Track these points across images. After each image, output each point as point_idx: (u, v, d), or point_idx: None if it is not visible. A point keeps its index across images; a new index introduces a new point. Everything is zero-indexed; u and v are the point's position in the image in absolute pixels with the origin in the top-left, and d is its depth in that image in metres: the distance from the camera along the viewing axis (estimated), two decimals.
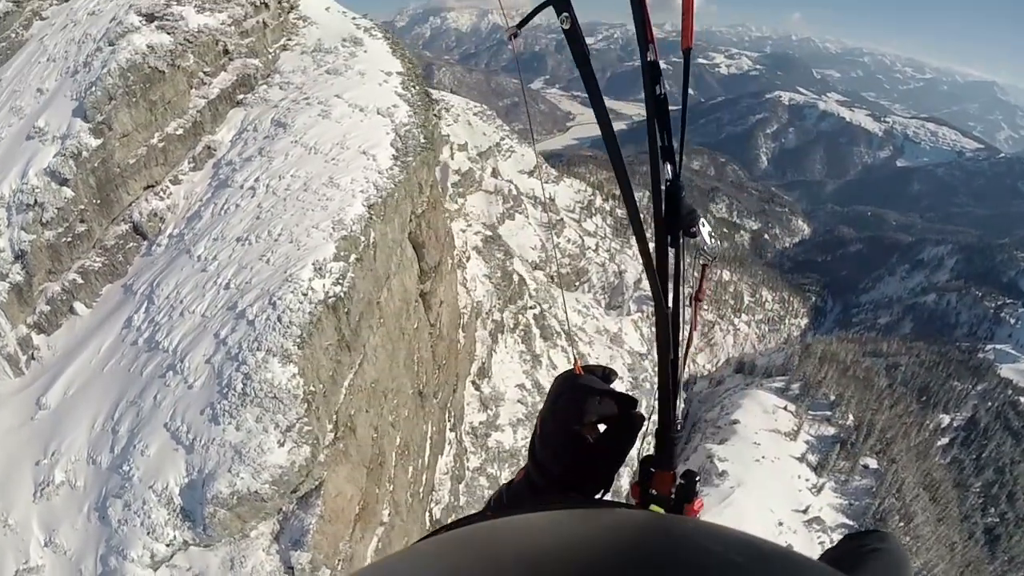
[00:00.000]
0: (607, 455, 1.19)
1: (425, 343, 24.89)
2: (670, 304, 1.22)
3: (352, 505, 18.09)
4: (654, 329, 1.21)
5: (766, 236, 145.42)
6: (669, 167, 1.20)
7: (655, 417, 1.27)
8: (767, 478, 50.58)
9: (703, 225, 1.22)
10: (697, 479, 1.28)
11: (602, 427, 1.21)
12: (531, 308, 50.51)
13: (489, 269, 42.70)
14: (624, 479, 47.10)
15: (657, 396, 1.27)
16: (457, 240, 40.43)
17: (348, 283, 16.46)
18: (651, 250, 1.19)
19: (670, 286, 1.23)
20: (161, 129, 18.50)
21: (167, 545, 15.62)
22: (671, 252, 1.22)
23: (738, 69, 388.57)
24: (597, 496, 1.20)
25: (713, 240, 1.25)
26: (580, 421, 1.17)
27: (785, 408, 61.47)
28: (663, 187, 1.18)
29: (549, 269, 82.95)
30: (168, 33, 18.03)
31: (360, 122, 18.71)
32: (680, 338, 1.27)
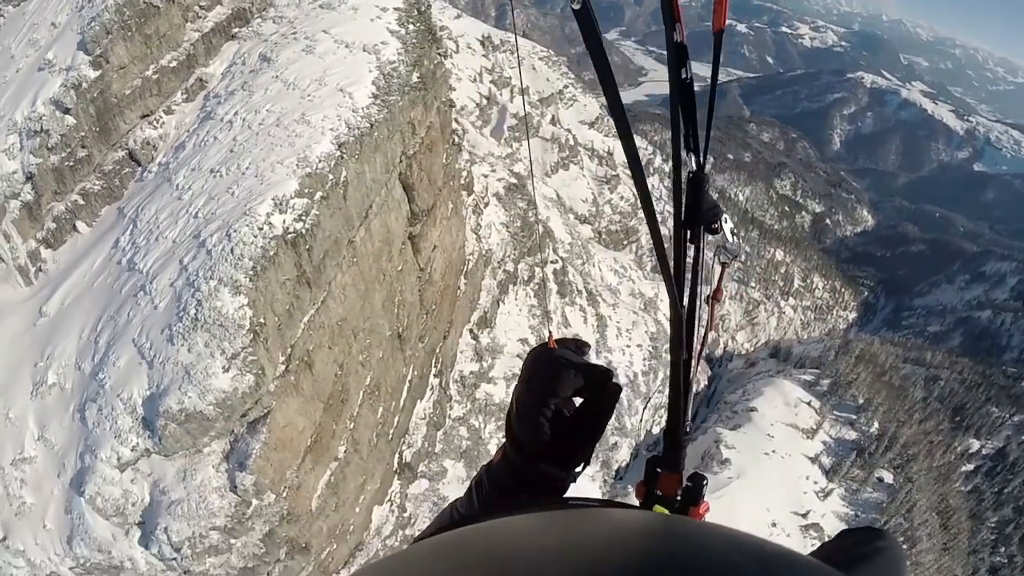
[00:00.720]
0: (585, 428, 1.18)
1: (411, 287, 25.50)
2: (685, 303, 1.18)
3: (303, 437, 19.22)
4: (684, 306, 1.14)
5: (828, 221, 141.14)
6: (692, 157, 1.12)
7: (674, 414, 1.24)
8: (772, 474, 49.58)
9: (725, 221, 1.17)
10: (704, 483, 1.26)
11: (578, 402, 1.21)
12: (553, 262, 50.37)
13: (508, 217, 42.45)
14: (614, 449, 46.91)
15: (668, 397, 1.25)
16: (477, 185, 40.29)
17: (312, 220, 17.17)
18: (666, 245, 1.13)
19: (686, 284, 1.19)
20: (156, 61, 19.43)
21: (131, 450, 17.14)
22: (690, 248, 1.18)
23: (822, 43, 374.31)
24: (577, 470, 1.21)
25: (735, 238, 1.23)
26: (556, 394, 1.15)
27: (809, 404, 59.79)
28: (685, 178, 1.11)
29: (597, 224, 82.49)
30: None
31: (344, 59, 18.95)
32: (695, 339, 1.24)
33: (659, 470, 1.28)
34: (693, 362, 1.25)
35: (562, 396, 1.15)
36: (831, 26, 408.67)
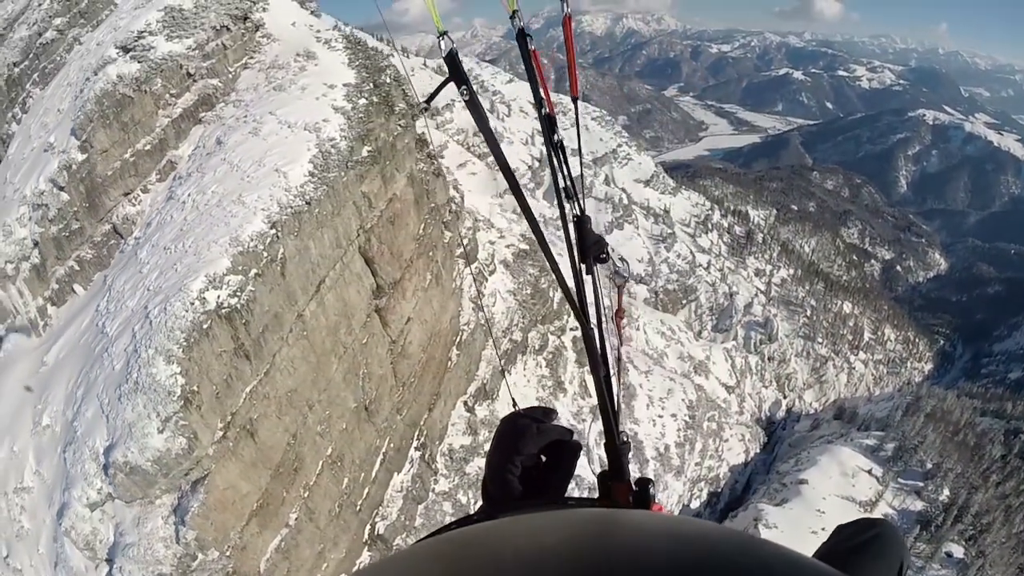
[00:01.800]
0: (550, 482, 1.32)
1: (380, 359, 26.51)
2: (593, 323, 1.38)
3: (248, 500, 20.43)
4: (748, 359, 1.75)
5: (898, 268, 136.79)
6: (576, 204, 1.38)
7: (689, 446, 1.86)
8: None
9: (612, 251, 1.42)
10: (651, 484, 1.38)
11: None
12: (573, 329, 49.91)
13: (517, 285, 43.05)
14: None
15: (599, 412, 1.41)
16: (482, 252, 41.45)
17: (247, 296, 18.85)
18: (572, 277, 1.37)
19: (593, 308, 1.41)
20: (132, 146, 22.26)
21: (97, 492, 19.24)
22: (590, 277, 1.40)
23: (880, 84, 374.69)
24: None
25: (622, 264, 2.01)
26: (520, 452, 1.30)
27: (870, 472, 55.89)
28: (571, 221, 1.37)
29: (654, 284, 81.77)
30: (139, 62, 21.70)
31: (285, 139, 20.95)
32: (609, 354, 1.45)
33: (609, 483, 1.43)
34: (613, 376, 1.46)
35: (525, 454, 1.31)
36: (888, 65, 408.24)
